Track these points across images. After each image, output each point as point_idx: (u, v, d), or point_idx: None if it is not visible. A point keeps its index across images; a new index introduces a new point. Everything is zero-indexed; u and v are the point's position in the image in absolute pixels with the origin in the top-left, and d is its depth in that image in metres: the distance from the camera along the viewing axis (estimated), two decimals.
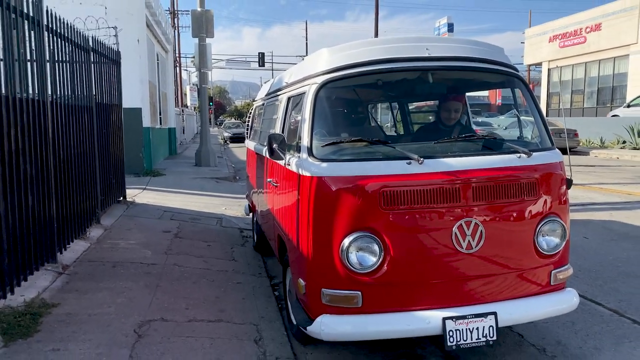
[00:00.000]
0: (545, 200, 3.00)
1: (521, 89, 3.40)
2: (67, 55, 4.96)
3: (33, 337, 3.11)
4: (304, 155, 2.97)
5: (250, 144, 5.90)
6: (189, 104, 43.97)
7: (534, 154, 3.02)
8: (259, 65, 48.74)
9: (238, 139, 34.08)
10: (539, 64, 34.19)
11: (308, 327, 2.88)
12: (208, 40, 14.57)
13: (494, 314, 2.82)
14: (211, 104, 55.55)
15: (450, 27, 41.11)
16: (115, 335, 3.25)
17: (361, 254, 2.77)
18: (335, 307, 2.82)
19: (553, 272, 3.06)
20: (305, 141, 3.00)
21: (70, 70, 5.01)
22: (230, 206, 8.78)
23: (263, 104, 5.21)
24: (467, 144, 3.15)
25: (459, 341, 2.77)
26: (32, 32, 4.02)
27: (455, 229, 2.78)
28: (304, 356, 3.35)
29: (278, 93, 4.33)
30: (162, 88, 16.74)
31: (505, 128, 16.14)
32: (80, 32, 5.36)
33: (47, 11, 4.33)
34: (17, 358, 2.85)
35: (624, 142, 20.20)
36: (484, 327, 2.80)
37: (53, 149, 4.35)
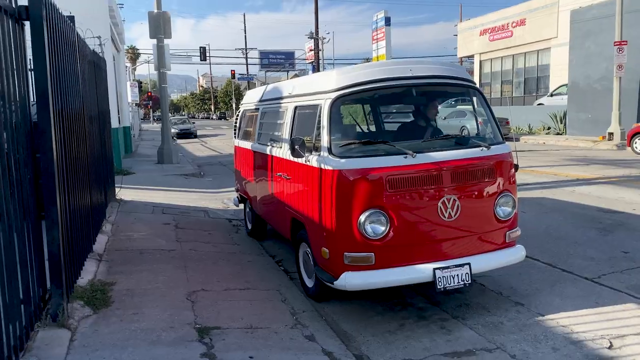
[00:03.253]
0: (501, 180, 4.12)
1: (477, 97, 4.53)
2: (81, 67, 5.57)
3: (112, 306, 3.86)
4: (325, 153, 3.89)
5: (242, 143, 6.68)
6: (129, 100, 43.18)
7: (491, 147, 4.12)
8: (201, 60, 48.56)
9: (185, 135, 34.10)
10: (472, 56, 36.45)
11: (335, 282, 3.82)
12: (166, 41, 14.98)
13: (469, 264, 3.89)
14: (149, 100, 54.56)
15: (388, 21, 42.64)
16: (174, 302, 4.05)
17: (373, 225, 3.74)
18: (354, 265, 3.77)
19: (507, 232, 4.18)
20: (325, 142, 3.92)
21: (88, 83, 5.62)
22: (208, 200, 9.51)
23: (258, 109, 6.05)
24: (444, 141, 4.24)
25: (445, 285, 3.81)
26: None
27: (440, 204, 3.82)
28: (322, 309, 4.29)
29: (280, 102, 5.22)
30: (118, 87, 16.92)
31: (444, 118, 17.66)
32: (88, 45, 5.95)
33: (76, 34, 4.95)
34: (111, 320, 3.60)
35: (549, 128, 22.40)
36: (462, 273, 3.86)
37: (84, 150, 5.01)
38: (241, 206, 7.26)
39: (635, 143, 14.58)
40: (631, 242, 5.79)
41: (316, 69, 36.58)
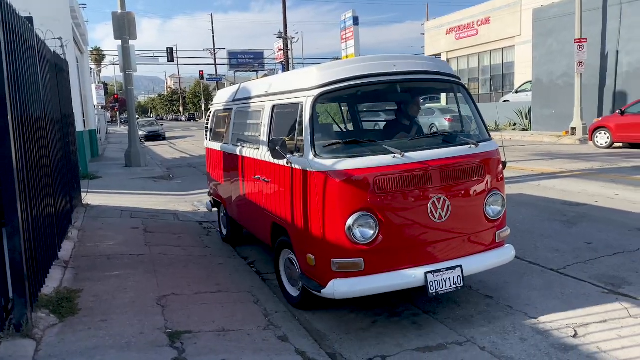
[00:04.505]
0: (490, 179, 3.97)
1: (462, 93, 4.36)
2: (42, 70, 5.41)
3: (79, 313, 3.77)
4: (310, 155, 3.67)
5: (215, 145, 6.42)
6: (95, 103, 42.24)
7: (479, 144, 3.97)
8: (169, 61, 47.81)
9: (154, 137, 33.56)
10: (439, 55, 36.98)
11: (323, 291, 3.60)
12: (131, 42, 14.71)
13: (460, 266, 3.73)
14: (116, 102, 53.47)
15: (356, 21, 42.89)
16: (144, 307, 3.98)
17: (362, 229, 3.52)
18: (342, 272, 3.55)
19: (497, 232, 4.04)
20: (308, 143, 3.70)
21: (49, 86, 5.47)
22: (177, 203, 9.38)
23: (230, 109, 5.81)
24: (432, 139, 4.12)
25: (438, 289, 3.63)
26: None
27: (430, 204, 3.64)
28: (295, 310, 4.28)
29: (256, 101, 5.00)
30: (82, 90, 16.52)
31: None
32: (49, 47, 5.79)
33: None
34: (78, 328, 3.52)
35: (515, 124, 22.90)
36: (454, 277, 3.69)
37: (47, 155, 4.88)
38: (215, 210, 7.08)
39: (597, 137, 15.04)
40: (594, 234, 5.98)
41: (286, 68, 36.52)
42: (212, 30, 67.47)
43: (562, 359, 3.31)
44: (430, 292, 3.62)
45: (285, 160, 3.95)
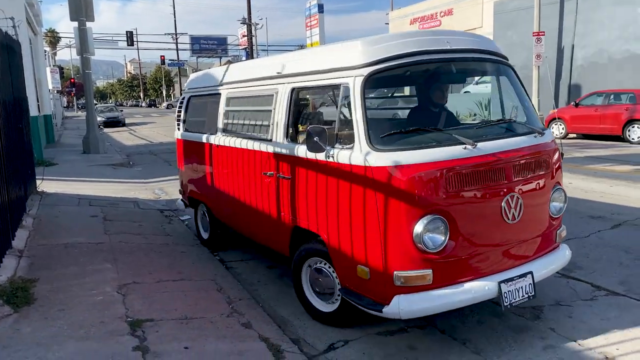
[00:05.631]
0: (554, 171, 3.56)
1: (510, 75, 3.82)
2: None
3: (35, 303, 3.66)
4: (365, 147, 3.05)
5: (193, 136, 5.56)
6: (50, 87, 40.67)
7: (545, 132, 3.57)
8: (128, 45, 46.46)
9: (113, 123, 32.62)
10: None
11: (385, 310, 3.02)
12: (89, 24, 14.19)
13: (531, 272, 3.30)
14: (72, 86, 51.66)
15: (321, 8, 42.62)
16: (104, 297, 3.90)
17: (432, 235, 2.97)
18: (407, 287, 2.99)
19: (557, 231, 3.66)
20: (361, 133, 3.08)
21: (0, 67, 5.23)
22: (138, 190, 9.17)
23: (218, 94, 4.96)
24: (495, 128, 3.58)
25: (512, 301, 3.17)
26: None
27: (503, 203, 3.17)
28: (258, 296, 4.28)
29: (263, 84, 4.19)
30: (36, 73, 15.86)
31: None
32: (0, 29, 5.53)
33: None
34: (33, 318, 3.42)
35: (475, 115, 23.39)
36: (525, 285, 3.26)
37: None
38: (187, 208, 6.42)
39: (552, 128, 15.58)
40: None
41: (250, 55, 36.07)
42: (174, 14, 65.86)
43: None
44: (505, 304, 3.15)
45: (324, 153, 3.30)
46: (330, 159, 3.30)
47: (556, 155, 3.63)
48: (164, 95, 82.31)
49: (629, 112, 14.01)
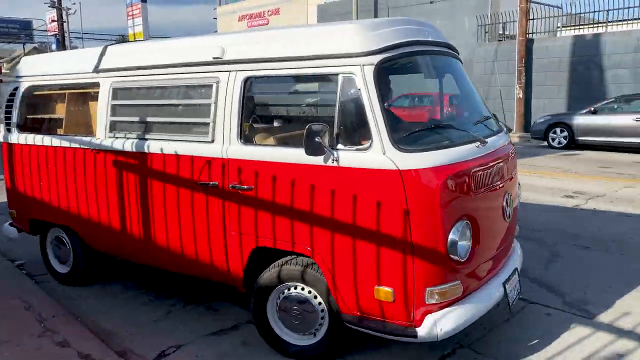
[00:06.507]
0: (516, 168, 3.57)
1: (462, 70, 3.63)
2: None
3: None
4: (387, 146, 2.63)
5: (35, 138, 4.29)
6: None
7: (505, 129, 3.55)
8: None
9: None
10: None
11: (421, 334, 2.63)
12: None
13: (516, 269, 3.29)
14: None
15: None
16: None
17: (463, 241, 2.72)
18: (437, 304, 2.68)
19: (517, 226, 3.68)
20: (382, 130, 2.65)
21: None
22: None
23: (95, 84, 3.91)
24: (480, 126, 3.34)
25: (512, 301, 3.10)
26: None
27: (504, 202, 3.14)
28: (77, 309, 3.89)
29: (189, 71, 3.38)
30: None
31: None
32: None
33: None
34: None
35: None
36: (516, 282, 3.22)
37: None
38: (18, 235, 4.91)
39: None
40: None
41: (61, 43, 32.48)
42: None
43: None
44: (511, 304, 3.08)
45: (323, 157, 2.76)
46: (332, 163, 2.74)
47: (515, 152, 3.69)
48: None
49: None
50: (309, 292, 3.00)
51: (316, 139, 2.66)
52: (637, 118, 11.54)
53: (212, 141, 3.20)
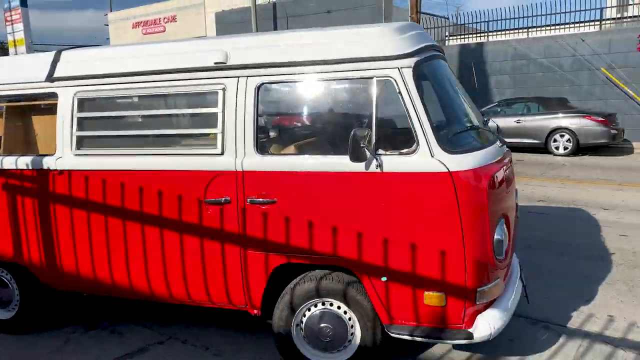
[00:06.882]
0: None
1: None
2: None
3: None
4: (435, 149, 2.60)
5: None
6: None
7: None
8: None
9: None
10: None
11: (477, 334, 2.65)
12: None
13: (518, 262, 3.52)
14: None
15: (24, 2, 37.28)
16: None
17: (503, 239, 2.84)
18: (484, 303, 2.72)
19: None
20: (427, 133, 2.61)
21: None
22: None
23: (52, 95, 3.40)
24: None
25: (527, 292, 3.31)
26: None
27: (516, 199, 3.37)
28: None
29: (178, 78, 3.06)
30: None
31: None
32: None
33: None
34: None
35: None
36: (522, 276, 3.38)
37: None
38: None
39: None
40: None
41: None
42: None
43: None
44: (528, 297, 3.31)
45: (364, 163, 2.66)
46: (376, 169, 2.66)
47: None
48: None
49: None
50: (338, 307, 2.88)
51: (361, 145, 2.57)
52: (517, 120, 12.67)
53: (222, 153, 2.94)
